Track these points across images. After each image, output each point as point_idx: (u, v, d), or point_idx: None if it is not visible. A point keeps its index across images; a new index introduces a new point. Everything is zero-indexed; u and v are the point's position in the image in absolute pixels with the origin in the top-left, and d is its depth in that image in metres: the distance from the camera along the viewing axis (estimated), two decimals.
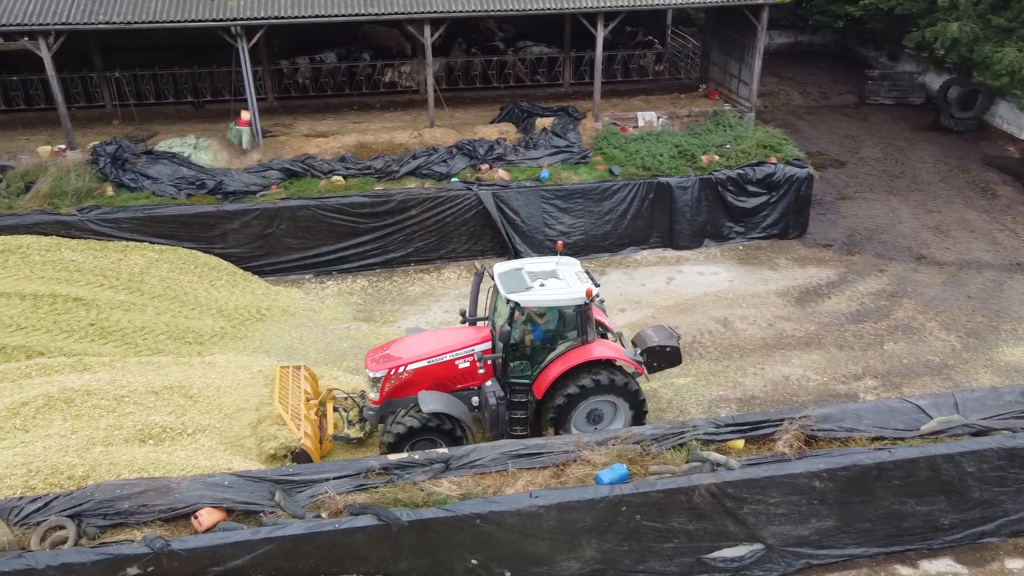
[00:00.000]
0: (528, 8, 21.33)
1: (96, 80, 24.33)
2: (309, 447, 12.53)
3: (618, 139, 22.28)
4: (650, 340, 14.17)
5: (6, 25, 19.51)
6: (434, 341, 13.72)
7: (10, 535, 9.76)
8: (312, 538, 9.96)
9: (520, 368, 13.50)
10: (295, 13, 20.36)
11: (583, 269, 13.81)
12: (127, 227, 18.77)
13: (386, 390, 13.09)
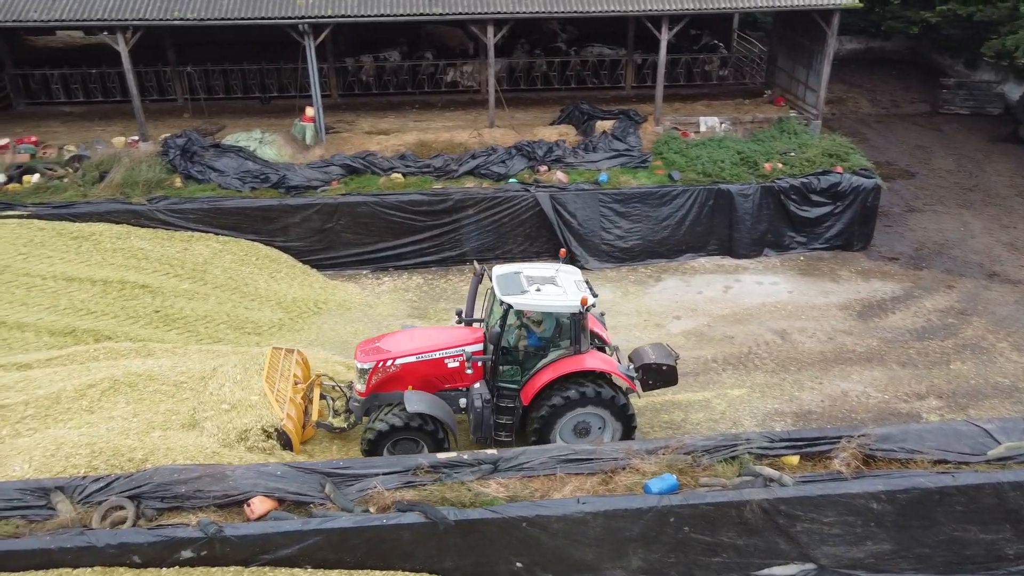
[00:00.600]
0: (591, 10, 21.22)
1: (169, 74, 25.10)
2: (290, 430, 12.54)
3: (679, 144, 22.00)
4: (647, 357, 13.66)
5: (88, 20, 20.29)
6: (425, 338, 13.50)
7: (73, 512, 10.12)
8: (360, 532, 10.07)
9: (510, 373, 13.18)
10: (361, 12, 20.65)
11: (583, 279, 13.46)
12: (193, 218, 19.30)
13: (373, 383, 12.96)
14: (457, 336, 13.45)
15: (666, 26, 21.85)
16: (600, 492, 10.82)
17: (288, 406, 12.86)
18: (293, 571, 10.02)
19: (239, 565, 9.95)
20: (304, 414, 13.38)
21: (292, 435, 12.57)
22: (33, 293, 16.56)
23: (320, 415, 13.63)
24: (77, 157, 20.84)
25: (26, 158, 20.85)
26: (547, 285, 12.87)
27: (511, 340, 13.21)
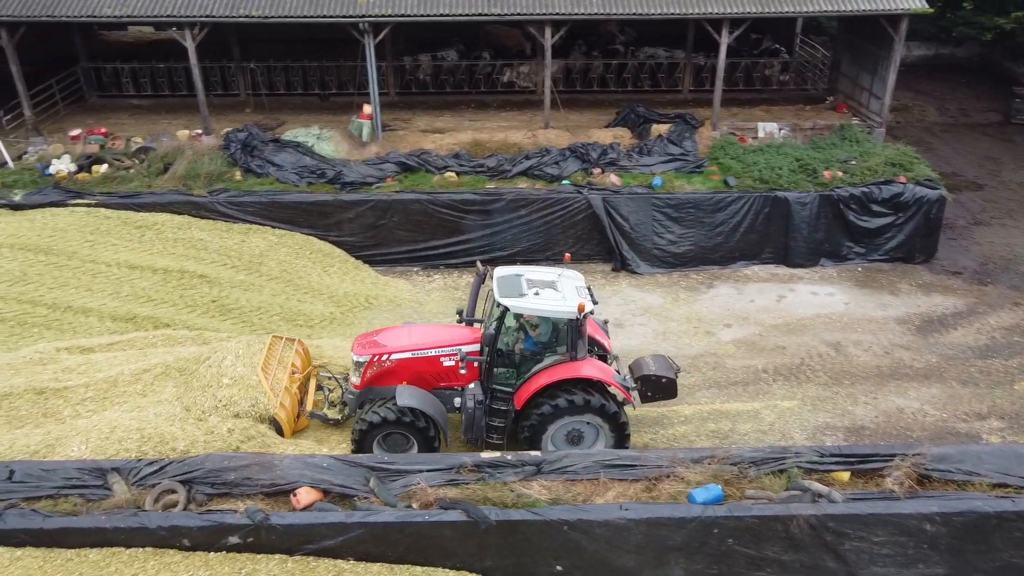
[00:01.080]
0: (650, 13, 21.04)
1: (233, 70, 25.71)
2: (282, 418, 12.66)
3: (736, 149, 21.66)
4: (646, 368, 13.43)
5: (158, 16, 20.93)
6: (423, 335, 13.45)
7: (128, 493, 10.44)
8: (402, 527, 10.17)
9: (505, 375, 13.06)
10: (421, 12, 20.85)
11: (585, 285, 13.25)
12: (251, 211, 19.73)
13: (368, 376, 12.96)
14: (455, 335, 13.37)
15: (726, 29, 21.55)
16: (643, 499, 10.73)
17: (283, 395, 12.98)
18: (336, 562, 10.17)
19: (283, 553, 10.15)
20: (299, 404, 13.50)
21: (283, 423, 12.67)
22: (98, 279, 17.14)
23: (315, 406, 13.72)
24: (143, 149, 21.50)
25: (96, 149, 21.58)
26: (547, 289, 12.67)
27: (508, 343, 13.07)
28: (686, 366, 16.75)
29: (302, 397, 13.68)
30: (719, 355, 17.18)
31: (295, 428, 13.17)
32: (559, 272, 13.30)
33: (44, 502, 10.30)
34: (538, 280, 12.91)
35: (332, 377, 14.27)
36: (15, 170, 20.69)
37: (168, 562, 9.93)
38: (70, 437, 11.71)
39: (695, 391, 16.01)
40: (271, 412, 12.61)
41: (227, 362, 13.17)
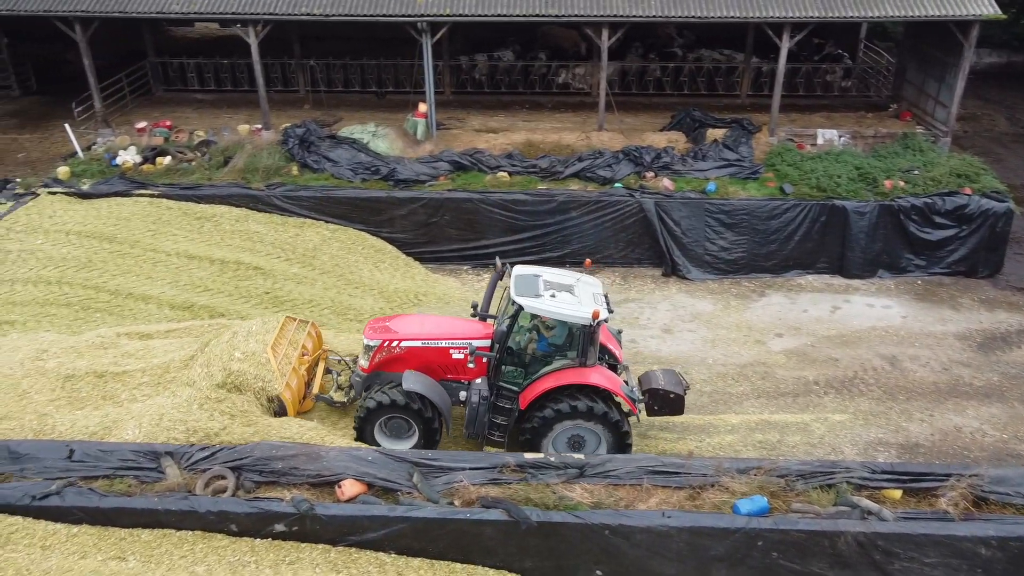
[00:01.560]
0: (710, 16, 20.78)
1: (293, 67, 26.23)
2: (286, 399, 12.74)
3: (793, 156, 21.26)
4: (655, 382, 13.24)
5: (223, 13, 21.48)
6: (435, 325, 13.50)
7: (180, 477, 10.73)
8: (443, 523, 10.24)
9: (513, 374, 12.94)
10: (479, 12, 20.96)
11: (603, 292, 13.03)
12: (306, 205, 20.08)
13: (376, 361, 12.98)
14: (466, 328, 13.34)
15: (787, 34, 21.17)
16: (687, 507, 10.62)
17: (290, 375, 13.10)
18: (378, 555, 10.30)
19: (327, 543, 10.31)
20: (306, 386, 13.60)
21: (287, 404, 12.79)
22: (158, 268, 17.64)
23: (322, 389, 13.81)
24: (205, 142, 22.07)
25: (160, 141, 22.24)
26: (563, 293, 12.54)
27: (521, 342, 12.99)
28: (735, 375, 16.55)
29: (310, 379, 13.79)
30: (769, 365, 16.89)
31: (300, 410, 13.28)
32: (578, 277, 13.17)
33: (101, 482, 10.65)
34: (556, 283, 12.82)
35: (341, 360, 14.37)
36: (84, 160, 21.44)
37: (216, 546, 10.18)
38: (125, 420, 12.07)
39: (743, 400, 15.78)
40: (276, 391, 12.74)
41: (239, 338, 13.41)
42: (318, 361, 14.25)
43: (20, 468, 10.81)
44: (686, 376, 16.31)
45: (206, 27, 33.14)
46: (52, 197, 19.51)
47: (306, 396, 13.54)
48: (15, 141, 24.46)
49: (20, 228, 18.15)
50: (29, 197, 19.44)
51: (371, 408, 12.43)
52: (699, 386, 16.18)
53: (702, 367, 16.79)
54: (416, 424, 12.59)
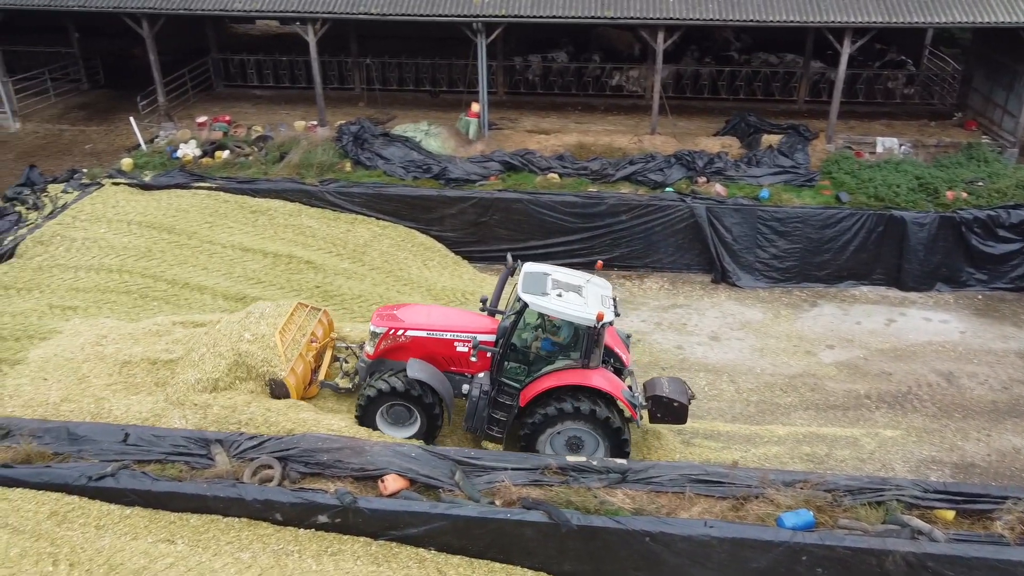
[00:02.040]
0: (769, 20, 20.47)
1: (349, 65, 26.62)
2: (290, 384, 12.78)
3: (850, 164, 20.80)
4: (659, 389, 12.99)
5: (283, 11, 21.91)
6: (441, 316, 13.44)
7: (228, 465, 10.97)
8: (484, 523, 10.27)
9: (515, 371, 12.80)
10: (534, 13, 21.00)
11: (612, 295, 12.83)
12: (358, 201, 20.35)
13: (382, 348, 12.99)
14: (473, 322, 13.28)
15: (849, 39, 20.73)
16: (729, 518, 10.47)
17: (297, 360, 13.17)
18: (418, 550, 10.38)
19: (368, 537, 10.43)
20: (313, 372, 13.66)
21: (291, 388, 12.85)
22: (213, 259, 18.06)
23: (328, 377, 13.85)
24: (262, 137, 22.53)
25: (219, 135, 22.77)
26: (571, 293, 12.38)
27: (526, 339, 12.88)
28: (783, 385, 16.27)
29: (317, 366, 13.87)
30: (819, 376, 16.57)
31: (305, 396, 13.37)
32: (588, 278, 13.01)
33: (153, 466, 10.94)
34: (564, 282, 12.70)
35: (348, 347, 14.46)
36: (147, 152, 22.09)
37: (261, 534, 10.38)
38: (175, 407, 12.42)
39: (791, 412, 15.50)
40: (281, 375, 12.85)
41: (251, 319, 13.58)
42: (326, 349, 14.31)
43: (78, 449, 11.18)
44: (736, 382, 16.18)
45: (266, 25, 33.84)
46: (115, 188, 20.13)
47: (312, 382, 13.62)
48: (83, 133, 25.31)
49: (85, 217, 18.77)
50: (94, 187, 20.09)
51: (373, 395, 12.52)
52: (745, 395, 15.96)
53: (749, 376, 16.56)
54: (418, 412, 12.64)
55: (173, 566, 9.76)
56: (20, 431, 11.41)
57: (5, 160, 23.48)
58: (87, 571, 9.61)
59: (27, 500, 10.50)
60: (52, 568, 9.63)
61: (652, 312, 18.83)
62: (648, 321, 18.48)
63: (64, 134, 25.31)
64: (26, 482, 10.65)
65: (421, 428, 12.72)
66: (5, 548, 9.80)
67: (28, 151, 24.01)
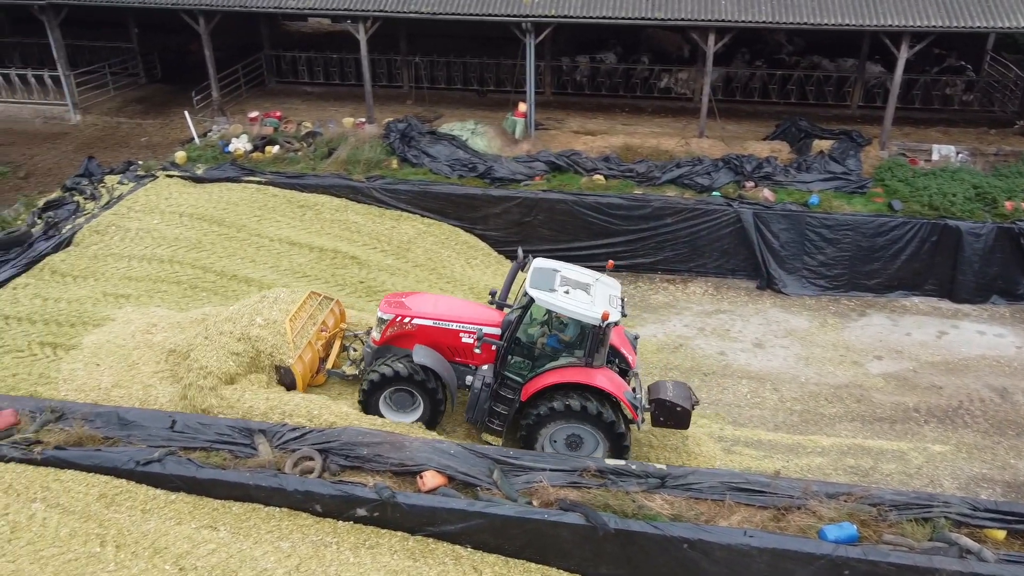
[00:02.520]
0: (824, 23, 20.07)
1: (398, 63, 26.84)
2: (297, 372, 12.92)
3: (904, 172, 20.31)
4: (664, 393, 12.77)
5: (335, 9, 22.17)
6: (449, 307, 13.43)
7: (270, 455, 11.15)
8: (521, 522, 10.28)
9: (519, 366, 12.79)
10: (584, 13, 20.92)
11: (620, 295, 12.68)
12: (404, 198, 20.51)
13: (388, 334, 13.07)
14: (480, 314, 13.26)
15: (906, 43, 20.24)
16: (770, 528, 10.32)
17: (305, 348, 13.26)
18: (454, 547, 10.44)
19: (406, 532, 10.52)
20: (321, 361, 13.75)
21: (297, 376, 12.99)
22: (261, 252, 18.37)
23: (336, 366, 13.94)
24: (311, 133, 22.84)
25: (270, 131, 23.13)
26: (579, 291, 12.29)
27: (532, 335, 12.82)
28: (828, 395, 15.97)
29: (326, 355, 13.98)
30: (866, 388, 16.22)
31: (312, 384, 13.51)
32: (597, 277, 12.93)
33: (199, 453, 11.19)
34: (573, 280, 12.64)
35: (356, 336, 14.54)
36: (200, 146, 22.54)
37: (300, 524, 10.54)
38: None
39: (836, 422, 15.21)
40: (288, 362, 13.00)
41: (265, 303, 13.78)
42: (336, 338, 14.42)
43: (127, 434, 11.48)
44: (779, 390, 15.95)
45: (318, 22, 34.30)
46: (169, 180, 20.60)
47: (319, 371, 13.77)
48: (139, 126, 25.96)
49: (139, 208, 19.24)
50: (148, 179, 20.58)
51: (377, 380, 12.61)
52: (789, 404, 15.70)
53: (793, 384, 16.28)
54: (421, 397, 12.70)
55: (215, 552, 9.97)
56: (73, 415, 11.76)
57: (66, 151, 24.21)
58: (132, 553, 9.86)
59: (78, 482, 10.83)
60: (99, 549, 9.90)
61: (695, 317, 18.63)
62: (691, 326, 18.30)
63: (122, 127, 25.99)
64: (77, 464, 10.98)
65: (424, 414, 12.82)
66: (56, 527, 10.11)
67: (87, 143, 24.72)
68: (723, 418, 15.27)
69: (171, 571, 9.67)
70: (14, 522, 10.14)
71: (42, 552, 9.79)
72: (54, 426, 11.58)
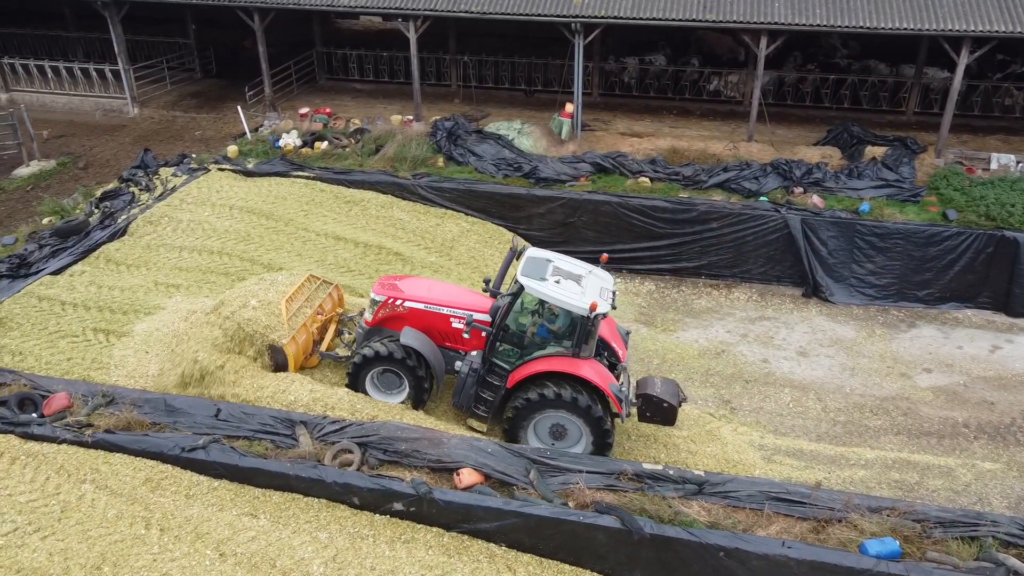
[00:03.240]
0: (880, 27, 19.64)
1: (447, 62, 27.00)
2: (290, 352, 13.03)
3: (961, 181, 19.76)
4: (651, 388, 12.78)
5: (386, 8, 22.38)
6: (442, 292, 13.56)
7: (311, 446, 11.32)
8: (556, 523, 10.27)
9: (508, 353, 12.85)
10: (634, 15, 20.79)
11: (612, 288, 12.68)
12: (448, 197, 20.64)
13: (380, 316, 13.23)
14: (471, 300, 13.32)
15: (967, 49, 19.68)
16: (809, 540, 10.14)
17: (300, 331, 13.38)
18: (489, 545, 10.47)
19: (441, 528, 10.59)
20: (315, 344, 13.87)
21: (290, 356, 13.10)
22: (307, 246, 18.66)
23: (330, 348, 14.07)
24: (360, 130, 23.12)
25: (319, 127, 23.49)
26: (569, 281, 12.29)
27: (523, 324, 12.84)
28: (873, 407, 15.65)
29: (320, 337, 14.13)
30: (913, 401, 15.84)
31: (305, 366, 13.69)
32: (590, 269, 12.94)
33: (241, 442, 11.41)
34: (565, 270, 12.65)
35: (350, 318, 14.74)
36: (251, 141, 23.00)
37: (338, 516, 10.69)
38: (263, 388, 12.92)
39: (880, 435, 14.89)
40: (281, 342, 13.14)
41: (262, 286, 13.96)
42: (331, 322, 14.59)
43: (174, 421, 11.77)
44: (823, 400, 15.65)
45: (369, 20, 34.69)
46: (220, 173, 21.05)
47: (313, 353, 13.92)
48: (194, 120, 26.58)
49: (191, 200, 19.70)
50: (201, 172, 21.06)
51: (365, 358, 12.82)
52: (832, 415, 15.42)
53: (838, 395, 15.98)
54: (407, 379, 12.87)
55: (255, 539, 10.17)
56: (123, 400, 12.10)
57: (123, 143, 24.90)
58: (176, 537, 10.11)
59: (126, 465, 11.14)
60: (144, 531, 10.17)
61: (738, 323, 18.40)
62: (734, 332, 18.08)
63: (177, 120, 26.64)
64: (126, 448, 11.29)
65: (408, 396, 13.00)
66: (104, 509, 10.42)
67: (144, 135, 25.39)
68: (764, 426, 15.06)
69: (212, 556, 9.89)
70: (65, 502, 10.48)
71: (90, 532, 10.09)
72: (105, 410, 11.92)
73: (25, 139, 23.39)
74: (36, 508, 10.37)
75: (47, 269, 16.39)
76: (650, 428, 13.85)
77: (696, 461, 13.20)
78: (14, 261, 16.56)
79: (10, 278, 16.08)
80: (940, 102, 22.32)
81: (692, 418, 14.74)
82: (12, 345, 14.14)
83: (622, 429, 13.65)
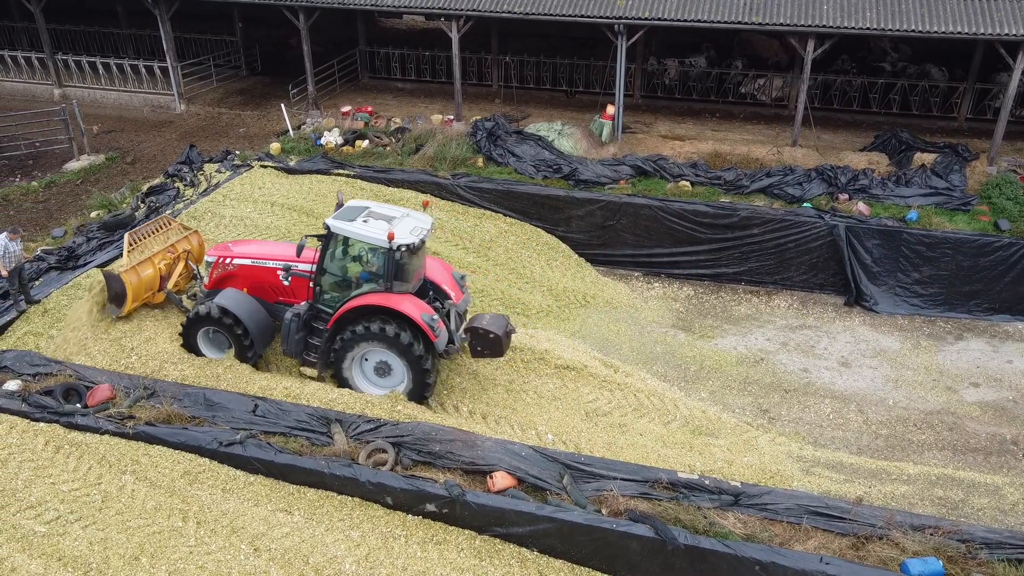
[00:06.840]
0: (932, 31, 19.14)
1: (489, 62, 27.01)
2: (128, 281, 13.53)
3: (1014, 190, 19.16)
4: (477, 322, 13.51)
5: (429, 8, 22.46)
6: (271, 248, 14.23)
7: (346, 445, 11.40)
8: (589, 530, 10.19)
9: (333, 299, 13.32)
10: (678, 16, 20.57)
11: (428, 227, 13.08)
12: (487, 197, 20.62)
13: (214, 277, 13.88)
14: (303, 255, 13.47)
15: (1023, 53, 19.10)
16: (848, 557, 9.92)
17: (144, 264, 13.83)
18: (520, 550, 10.43)
19: (473, 530, 10.58)
20: (161, 280, 14.35)
21: (128, 287, 13.59)
22: None
23: (179, 289, 14.66)
24: (400, 129, 23.23)
25: (361, 125, 23.66)
26: (380, 221, 12.69)
27: (345, 268, 13.30)
28: (917, 421, 15.25)
29: (168, 273, 14.55)
30: (959, 416, 15.41)
31: (149, 301, 14.29)
32: (408, 212, 13.36)
33: (278, 438, 11.54)
34: (379, 212, 13.07)
35: (198, 273, 15.16)
36: (294, 138, 23.25)
37: (371, 515, 10.73)
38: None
39: (924, 450, 14.50)
40: (119, 270, 13.68)
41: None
42: (180, 259, 14.89)
43: (212, 415, 11.94)
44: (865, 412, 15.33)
45: (412, 20, 34.88)
46: (263, 170, 21.30)
47: (161, 289, 14.45)
48: (238, 117, 26.97)
49: (234, 196, 19.97)
50: (244, 169, 21.35)
51: (189, 319, 13.50)
52: (874, 428, 15.07)
53: (880, 407, 15.61)
54: (229, 338, 13.45)
55: (289, 535, 10.26)
56: (164, 393, 12.30)
57: (170, 139, 25.37)
58: (212, 530, 10.24)
59: (165, 458, 11.33)
60: (181, 523, 10.32)
61: (778, 331, 18.08)
62: (773, 340, 17.77)
63: (222, 117, 27.06)
64: (165, 441, 11.48)
65: (235, 353, 13.52)
66: (143, 500, 10.60)
67: (190, 131, 25.83)
68: (803, 437, 14.77)
69: (247, 550, 10.00)
70: (106, 492, 10.69)
71: (129, 522, 10.27)
72: (146, 403, 12.14)
73: (76, 134, 23.95)
74: (78, 497, 10.59)
75: (94, 262, 16.74)
76: (685, 435, 13.69)
77: (732, 471, 12.97)
78: (63, 253, 16.97)
79: (59, 270, 16.49)
80: (994, 108, 21.68)
81: (729, 427, 14.51)
82: (59, 336, 14.47)
83: (657, 436, 13.51)
